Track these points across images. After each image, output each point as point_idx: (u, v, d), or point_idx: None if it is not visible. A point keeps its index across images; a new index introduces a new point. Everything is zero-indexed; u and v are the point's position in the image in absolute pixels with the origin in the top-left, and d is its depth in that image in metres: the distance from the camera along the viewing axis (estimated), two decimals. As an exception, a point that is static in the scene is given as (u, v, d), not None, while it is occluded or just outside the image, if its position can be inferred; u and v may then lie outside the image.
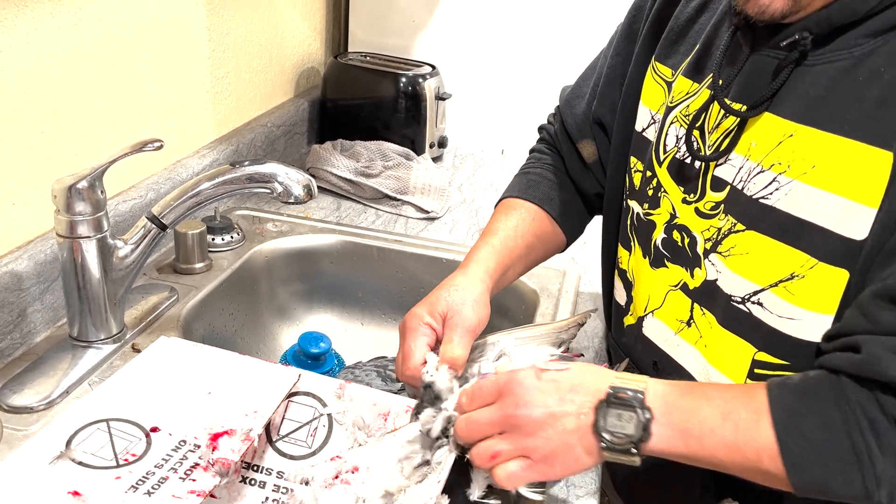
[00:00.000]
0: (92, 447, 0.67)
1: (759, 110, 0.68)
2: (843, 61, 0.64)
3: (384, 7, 1.68)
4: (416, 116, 1.53)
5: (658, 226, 0.80)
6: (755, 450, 0.60)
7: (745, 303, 0.70)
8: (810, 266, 0.65)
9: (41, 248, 0.90)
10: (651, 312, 0.82)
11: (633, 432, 0.62)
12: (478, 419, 0.67)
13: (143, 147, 0.82)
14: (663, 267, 0.80)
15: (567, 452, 0.64)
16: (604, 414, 0.62)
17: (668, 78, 0.81)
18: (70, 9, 0.92)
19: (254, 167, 0.86)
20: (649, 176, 0.82)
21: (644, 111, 0.85)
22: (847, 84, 0.63)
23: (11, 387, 0.81)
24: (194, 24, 1.19)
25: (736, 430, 0.61)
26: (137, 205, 1.06)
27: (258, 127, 1.40)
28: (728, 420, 0.61)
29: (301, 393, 0.78)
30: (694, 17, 0.80)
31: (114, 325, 0.89)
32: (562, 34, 1.59)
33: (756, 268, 0.68)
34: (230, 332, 1.11)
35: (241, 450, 0.68)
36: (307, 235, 1.23)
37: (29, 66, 0.88)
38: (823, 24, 0.64)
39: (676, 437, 0.62)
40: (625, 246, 0.88)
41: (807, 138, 0.65)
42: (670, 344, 0.80)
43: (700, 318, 0.76)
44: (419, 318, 0.77)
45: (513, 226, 0.90)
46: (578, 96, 0.96)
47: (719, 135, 0.72)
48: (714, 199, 0.73)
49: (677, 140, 0.78)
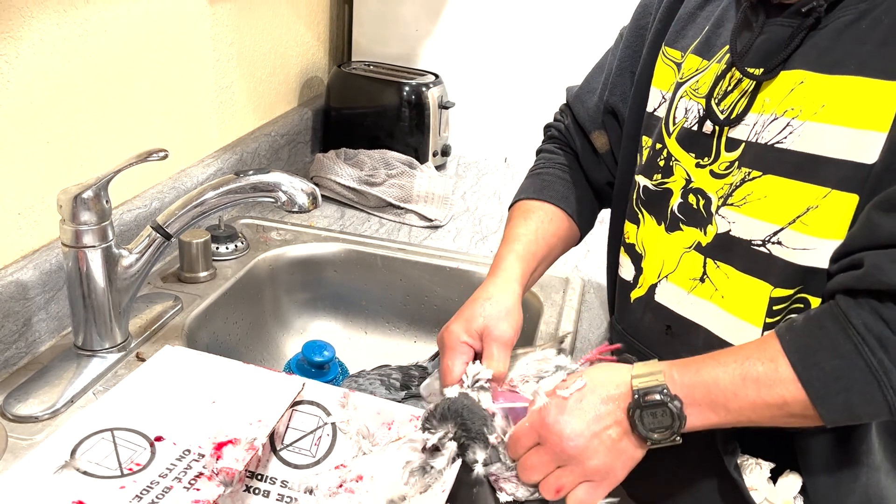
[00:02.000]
0: (96, 456, 0.67)
1: (775, 72, 0.72)
2: (849, 16, 0.68)
3: (388, 16, 1.69)
4: (420, 125, 1.53)
5: (675, 192, 0.82)
6: (780, 396, 0.64)
7: (765, 245, 0.73)
8: (823, 196, 0.68)
9: (46, 258, 0.90)
10: (665, 277, 0.84)
11: (670, 423, 0.66)
12: (533, 465, 0.70)
13: (148, 157, 0.83)
14: (678, 230, 0.82)
15: (621, 458, 0.68)
16: (639, 418, 0.66)
17: (678, 59, 0.85)
18: (76, 20, 0.93)
19: (258, 176, 0.87)
20: (659, 148, 0.84)
21: (655, 93, 0.88)
22: (851, 33, 0.68)
23: (16, 396, 0.81)
24: (199, 34, 1.20)
25: (758, 386, 0.64)
26: (142, 214, 1.07)
27: (262, 136, 1.40)
28: (747, 379, 0.65)
29: (305, 402, 0.78)
30: (702, 4, 0.84)
31: (118, 335, 0.89)
32: (564, 43, 1.59)
33: (774, 209, 0.71)
34: (234, 340, 1.11)
35: (245, 459, 0.68)
36: (311, 244, 1.24)
37: (35, 77, 0.88)
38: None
39: (706, 411, 0.66)
40: (632, 220, 0.90)
41: (816, 83, 0.69)
42: (683, 304, 0.82)
43: (714, 271, 0.78)
44: (456, 336, 0.80)
45: (533, 229, 0.92)
46: (589, 91, 0.98)
47: (734, 98, 0.76)
48: (729, 159, 0.76)
49: (686, 111, 0.81)
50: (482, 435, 0.72)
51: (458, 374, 0.78)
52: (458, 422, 0.72)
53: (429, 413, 0.73)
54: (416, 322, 1.25)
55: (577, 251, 1.25)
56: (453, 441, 0.71)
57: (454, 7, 1.64)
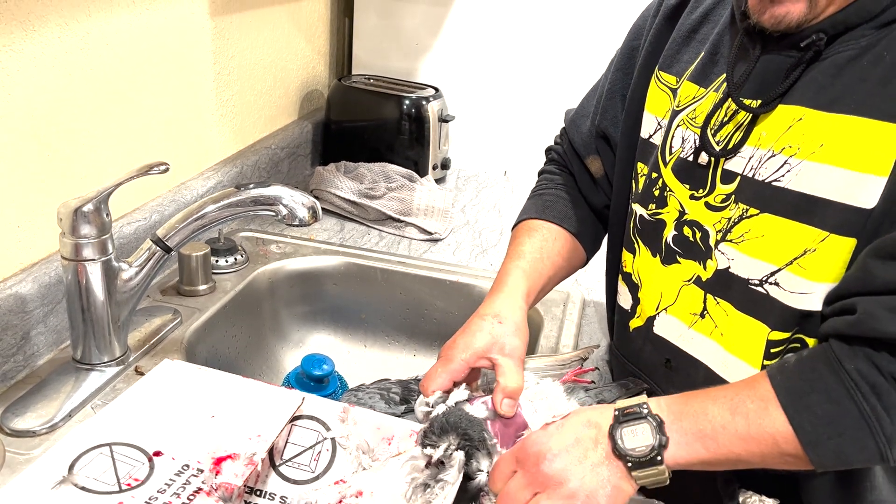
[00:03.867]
0: (94, 472, 0.67)
1: (772, 105, 0.71)
2: (850, 51, 0.67)
3: (388, 30, 1.69)
4: (420, 138, 1.54)
5: (668, 224, 0.82)
6: (770, 435, 0.62)
7: (762, 284, 0.72)
8: (821, 239, 0.67)
9: (45, 271, 0.90)
10: (664, 310, 0.83)
11: (650, 440, 0.63)
12: (509, 491, 0.67)
13: (149, 170, 0.83)
14: (675, 263, 0.81)
15: (604, 486, 0.65)
16: (619, 435, 0.65)
17: (673, 85, 0.84)
18: (77, 33, 0.93)
19: (259, 190, 0.87)
20: (654, 177, 0.84)
21: (650, 118, 0.87)
22: (852, 70, 0.67)
23: (14, 410, 0.80)
24: (200, 47, 1.20)
25: (747, 421, 0.63)
26: (142, 227, 1.07)
27: (262, 149, 1.40)
28: (737, 413, 0.63)
29: (304, 417, 0.78)
30: (696, 27, 0.83)
31: (117, 348, 0.89)
32: (563, 57, 1.60)
33: (771, 249, 0.71)
34: (233, 354, 1.11)
35: (244, 474, 0.68)
36: (310, 257, 1.24)
37: (36, 90, 0.89)
38: (839, 25, 0.67)
39: (693, 441, 0.64)
40: (629, 249, 0.89)
41: (815, 121, 0.68)
42: (684, 339, 0.81)
43: (714, 307, 0.77)
44: (458, 352, 0.79)
45: (538, 247, 0.91)
46: (583, 115, 0.98)
47: (730, 130, 0.75)
48: (724, 192, 0.75)
49: (683, 141, 0.80)
50: (484, 441, 0.72)
51: (440, 386, 0.77)
52: (459, 432, 0.72)
53: (427, 429, 0.73)
54: (415, 335, 1.24)
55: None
56: (459, 451, 0.71)
57: (454, 21, 1.65)
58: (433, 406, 0.76)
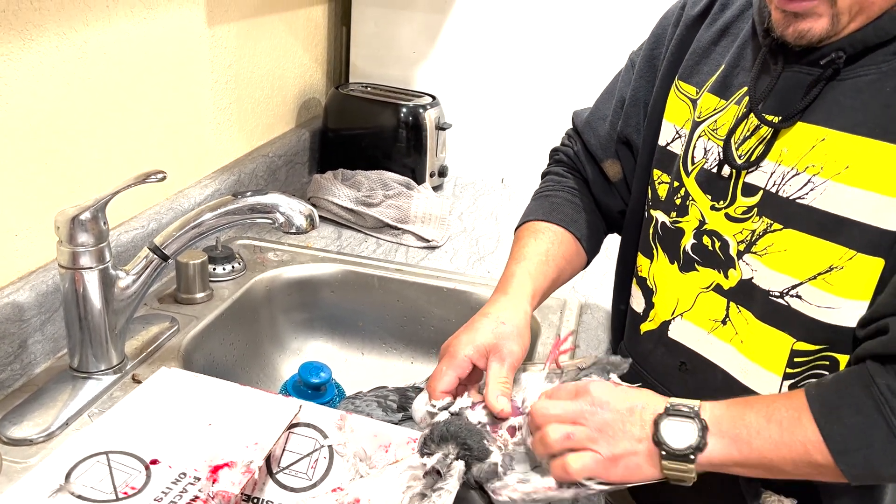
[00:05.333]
0: (91, 480, 0.67)
1: (793, 121, 0.73)
2: (871, 75, 0.69)
3: (385, 38, 1.70)
4: (417, 146, 1.54)
5: (687, 232, 0.83)
6: (802, 443, 0.64)
7: (783, 297, 0.74)
8: (849, 258, 0.69)
9: (43, 279, 0.90)
10: (680, 315, 0.85)
11: (692, 440, 0.66)
12: (555, 405, 0.70)
13: (146, 178, 0.83)
14: (693, 270, 0.83)
15: (630, 457, 0.68)
16: (664, 424, 0.67)
17: (693, 96, 0.85)
18: (75, 42, 0.94)
19: (256, 198, 0.87)
20: (676, 186, 0.85)
21: (668, 127, 0.88)
22: (875, 94, 0.68)
23: (11, 418, 0.80)
24: (197, 56, 1.20)
25: (781, 429, 0.65)
26: (139, 235, 1.07)
27: (260, 157, 1.41)
28: (772, 421, 0.66)
29: (302, 424, 0.78)
30: (716, 39, 0.84)
31: (114, 356, 0.89)
32: (560, 65, 1.60)
33: (794, 263, 0.73)
34: (231, 361, 1.11)
35: (241, 482, 0.68)
36: (308, 265, 1.24)
37: (34, 99, 0.89)
38: (857, 44, 0.69)
39: (729, 444, 0.66)
40: (646, 254, 0.90)
41: (838, 142, 0.69)
42: (702, 343, 0.83)
43: (736, 315, 0.79)
44: (461, 348, 0.79)
45: (544, 250, 0.91)
46: (600, 118, 0.97)
47: (752, 144, 0.76)
48: (746, 204, 0.77)
49: (705, 152, 0.81)
50: (484, 450, 0.72)
51: (447, 386, 0.77)
52: (459, 441, 0.72)
53: (426, 437, 0.73)
54: (413, 343, 1.24)
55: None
56: (459, 461, 0.71)
57: (451, 29, 1.65)
58: (438, 411, 0.76)
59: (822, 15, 0.68)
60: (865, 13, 0.68)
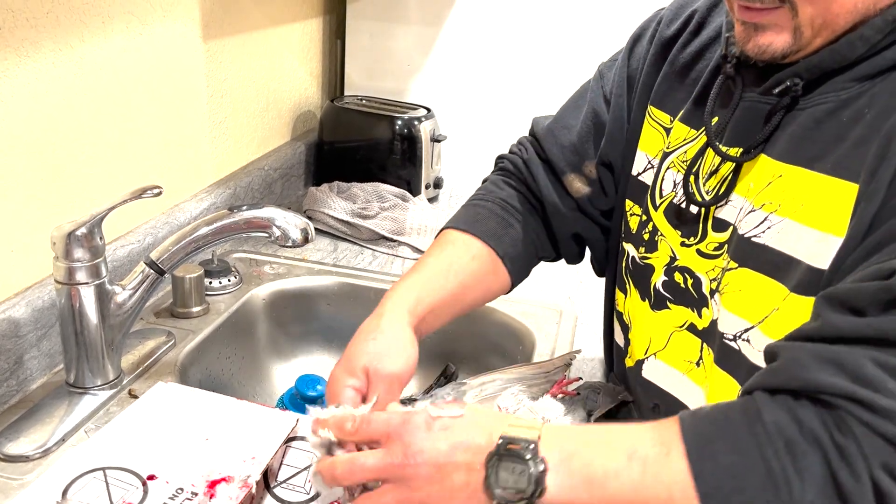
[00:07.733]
0: (88, 496, 0.67)
1: (752, 154, 0.69)
2: (829, 104, 0.65)
3: (380, 51, 1.71)
4: (412, 158, 1.54)
5: (657, 269, 0.79)
6: (665, 485, 0.55)
7: (735, 340, 0.69)
8: (783, 297, 0.65)
9: (39, 295, 0.90)
10: (653, 355, 0.80)
11: (524, 487, 0.56)
12: (363, 464, 0.61)
13: (142, 194, 0.83)
14: (665, 309, 0.78)
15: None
16: (495, 469, 0.57)
17: (666, 124, 0.81)
18: (72, 58, 0.94)
19: (252, 212, 0.87)
20: (644, 220, 0.81)
21: (641, 156, 0.84)
22: (832, 124, 0.64)
23: (7, 435, 0.80)
24: (193, 70, 1.21)
25: (644, 468, 0.56)
26: (135, 249, 1.07)
27: (255, 170, 1.41)
28: (634, 459, 0.56)
29: (299, 438, 0.78)
30: (690, 63, 0.80)
31: (111, 371, 0.89)
32: (554, 76, 1.61)
33: (747, 305, 0.68)
34: (227, 375, 1.11)
35: (238, 497, 0.68)
36: (304, 277, 1.24)
37: (30, 115, 0.89)
38: (814, 70, 0.65)
39: (578, 485, 0.57)
40: (621, 289, 0.87)
41: (795, 178, 0.65)
42: (676, 385, 0.78)
43: (707, 356, 0.75)
44: (341, 382, 0.74)
45: (446, 262, 0.84)
46: (564, 127, 0.91)
47: (718, 179, 0.73)
48: (718, 240, 0.73)
49: (674, 185, 0.78)
50: None
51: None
52: None
53: None
54: (409, 355, 1.24)
55: (570, 282, 1.26)
56: None
57: (445, 42, 1.66)
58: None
59: (784, 28, 0.64)
60: (830, 27, 0.63)
